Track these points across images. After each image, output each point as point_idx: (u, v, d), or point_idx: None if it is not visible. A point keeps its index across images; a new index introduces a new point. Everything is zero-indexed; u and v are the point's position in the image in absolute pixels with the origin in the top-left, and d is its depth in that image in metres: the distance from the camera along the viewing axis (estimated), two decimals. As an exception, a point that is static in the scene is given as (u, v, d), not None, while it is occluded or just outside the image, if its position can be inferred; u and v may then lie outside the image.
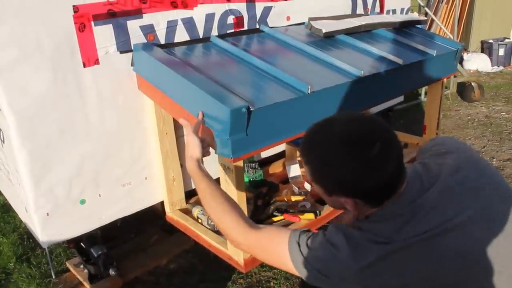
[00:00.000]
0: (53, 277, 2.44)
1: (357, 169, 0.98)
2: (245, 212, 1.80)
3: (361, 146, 0.97)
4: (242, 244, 1.24)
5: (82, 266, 2.35)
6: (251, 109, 1.53)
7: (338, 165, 1.00)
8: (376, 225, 1.03)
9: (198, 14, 2.05)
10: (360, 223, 1.07)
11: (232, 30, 2.21)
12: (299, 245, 1.10)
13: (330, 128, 1.04)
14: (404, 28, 2.82)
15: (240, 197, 1.75)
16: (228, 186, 1.74)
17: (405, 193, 1.04)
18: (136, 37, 1.89)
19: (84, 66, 1.78)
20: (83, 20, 1.72)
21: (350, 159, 0.98)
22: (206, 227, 2.08)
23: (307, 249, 1.09)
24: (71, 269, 2.45)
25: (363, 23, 2.57)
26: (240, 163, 1.71)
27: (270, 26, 2.35)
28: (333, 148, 1.00)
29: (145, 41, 1.91)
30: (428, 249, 0.98)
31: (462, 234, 0.99)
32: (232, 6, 2.17)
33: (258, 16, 2.29)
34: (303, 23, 2.51)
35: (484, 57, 7.07)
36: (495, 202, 1.06)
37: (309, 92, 1.71)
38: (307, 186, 2.34)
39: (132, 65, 1.92)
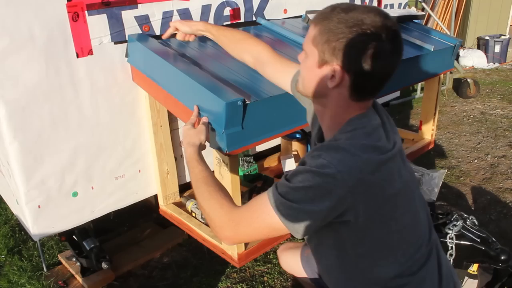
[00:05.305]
0: (45, 270, 2.42)
1: (366, 49, 0.99)
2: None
3: (376, 35, 0.98)
4: (226, 225, 1.13)
5: (74, 259, 2.34)
6: (247, 102, 1.51)
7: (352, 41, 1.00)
8: (361, 133, 1.06)
9: (194, 5, 2.02)
10: (341, 134, 1.07)
11: (229, 22, 2.19)
12: (280, 195, 1.02)
13: (352, 11, 1.01)
14: (401, 23, 2.80)
15: (234, 191, 1.73)
16: (223, 179, 1.72)
17: (371, 109, 1.11)
18: (131, 27, 1.86)
19: (78, 56, 1.76)
20: (77, 10, 1.69)
21: (363, 42, 0.99)
22: (200, 221, 2.06)
23: (291, 190, 1.01)
24: (63, 262, 2.44)
25: (360, 17, 2.54)
26: (235, 157, 1.69)
27: (267, 18, 2.32)
28: (351, 30, 0.99)
29: (140, 32, 1.89)
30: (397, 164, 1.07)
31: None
32: (229, -3, 2.14)
33: (255, 8, 2.27)
34: (301, 16, 2.48)
35: (480, 53, 7.07)
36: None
37: (305, 86, 1.68)
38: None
39: (126, 56, 1.89)
